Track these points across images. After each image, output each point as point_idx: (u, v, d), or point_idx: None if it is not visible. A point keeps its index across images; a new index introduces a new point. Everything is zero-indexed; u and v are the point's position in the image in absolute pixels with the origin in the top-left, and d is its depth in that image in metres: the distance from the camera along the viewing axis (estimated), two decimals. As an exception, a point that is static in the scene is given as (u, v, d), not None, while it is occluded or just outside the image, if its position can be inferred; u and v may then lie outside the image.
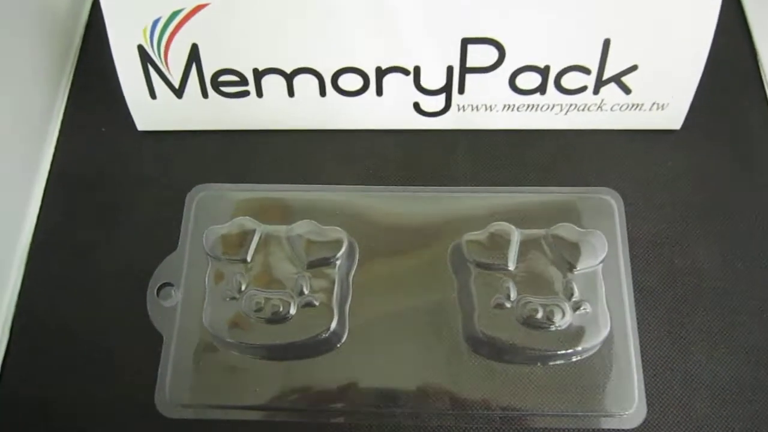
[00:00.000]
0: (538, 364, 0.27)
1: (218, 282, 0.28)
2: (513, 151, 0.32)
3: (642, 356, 0.27)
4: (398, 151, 0.33)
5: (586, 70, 0.30)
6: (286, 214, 0.30)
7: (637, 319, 0.28)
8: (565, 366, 0.27)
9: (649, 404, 0.27)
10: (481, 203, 0.30)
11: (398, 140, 0.33)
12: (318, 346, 0.27)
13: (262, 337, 0.27)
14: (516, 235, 0.28)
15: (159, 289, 0.29)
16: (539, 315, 0.26)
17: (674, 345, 0.28)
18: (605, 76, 0.30)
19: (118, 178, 0.32)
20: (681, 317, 0.29)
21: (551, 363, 0.27)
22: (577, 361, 0.27)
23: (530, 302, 0.27)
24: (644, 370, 0.27)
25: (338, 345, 0.27)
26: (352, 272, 0.29)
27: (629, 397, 0.27)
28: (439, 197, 0.30)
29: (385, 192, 0.31)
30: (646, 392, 0.27)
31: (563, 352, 0.26)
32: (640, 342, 0.28)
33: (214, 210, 0.30)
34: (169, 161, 0.33)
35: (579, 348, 0.26)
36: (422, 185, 0.31)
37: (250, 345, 0.27)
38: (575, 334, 0.26)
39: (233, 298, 0.27)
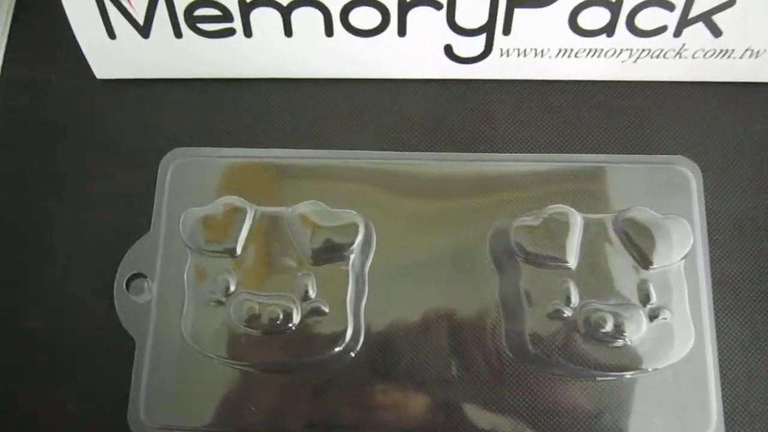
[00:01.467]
0: (597, 379, 0.24)
1: (200, 281, 0.24)
2: (568, 108, 0.30)
3: (720, 366, 0.25)
4: (425, 108, 0.30)
5: (669, 6, 0.27)
6: (284, 187, 0.27)
7: (716, 320, 0.26)
8: (626, 380, 0.24)
9: (729, 424, 0.25)
10: (527, 174, 0.27)
11: (425, 93, 0.30)
12: (328, 358, 0.24)
13: (257, 354, 0.24)
14: (578, 221, 0.24)
15: (129, 281, 0.26)
16: (608, 326, 0.23)
17: (760, 352, 0.26)
18: (692, 14, 0.27)
19: (74, 140, 0.30)
20: (769, 318, 0.27)
21: (610, 377, 0.24)
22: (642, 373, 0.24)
23: (596, 310, 0.23)
24: (723, 384, 0.25)
25: (352, 354, 0.25)
26: (369, 263, 0.26)
27: (705, 416, 0.24)
28: (476, 166, 0.27)
29: (409, 159, 0.28)
30: (724, 410, 0.25)
31: (634, 372, 0.24)
32: (719, 349, 0.25)
33: (195, 180, 0.27)
34: (136, 118, 0.30)
35: (654, 367, 0.23)
36: (455, 151, 0.29)
37: (242, 363, 0.24)
38: (651, 350, 0.23)
39: (219, 303, 0.24)
